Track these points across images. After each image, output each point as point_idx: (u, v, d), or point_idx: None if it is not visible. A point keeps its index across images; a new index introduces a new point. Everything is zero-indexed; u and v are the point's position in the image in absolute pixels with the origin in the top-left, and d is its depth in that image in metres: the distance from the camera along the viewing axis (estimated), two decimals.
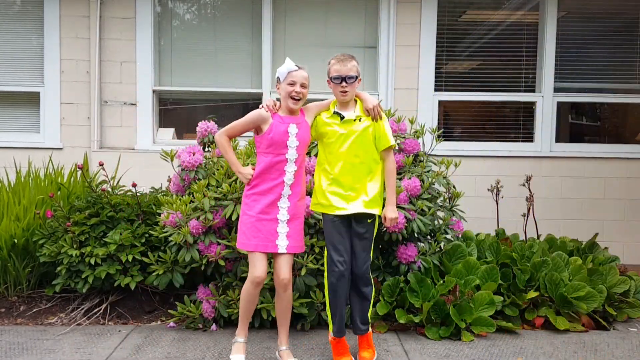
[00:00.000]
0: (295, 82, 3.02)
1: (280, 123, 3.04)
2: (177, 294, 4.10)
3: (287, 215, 3.04)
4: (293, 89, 3.02)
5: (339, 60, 3.07)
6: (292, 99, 3.03)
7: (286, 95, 3.04)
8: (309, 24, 5.67)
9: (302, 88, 3.04)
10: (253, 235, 3.01)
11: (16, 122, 5.68)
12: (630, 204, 5.61)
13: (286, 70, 3.03)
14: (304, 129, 3.10)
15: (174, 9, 5.77)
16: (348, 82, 3.04)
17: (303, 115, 3.13)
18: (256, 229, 3.00)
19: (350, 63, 3.06)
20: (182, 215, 3.70)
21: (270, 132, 3.02)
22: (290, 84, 3.02)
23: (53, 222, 4.09)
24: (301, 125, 3.08)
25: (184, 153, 3.85)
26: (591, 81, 5.78)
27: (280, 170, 3.03)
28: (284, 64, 3.06)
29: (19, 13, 5.65)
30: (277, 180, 3.02)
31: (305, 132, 3.09)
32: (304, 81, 3.05)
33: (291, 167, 3.04)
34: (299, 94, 3.03)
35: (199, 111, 5.94)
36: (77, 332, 3.75)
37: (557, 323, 3.76)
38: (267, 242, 3.01)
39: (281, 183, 3.03)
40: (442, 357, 3.37)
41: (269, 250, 3.02)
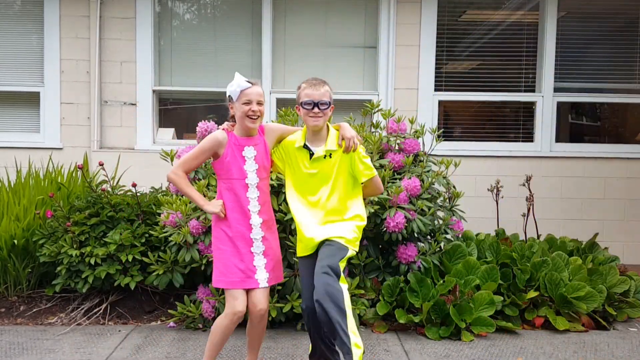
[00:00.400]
0: (251, 100, 2.74)
1: (236, 146, 2.79)
2: (177, 294, 4.10)
3: (262, 246, 2.79)
4: (249, 108, 2.74)
5: (311, 84, 2.80)
6: (249, 118, 2.75)
7: (242, 115, 2.76)
8: (309, 24, 5.67)
9: (259, 106, 2.76)
10: (229, 271, 2.74)
11: (16, 122, 5.68)
12: (630, 204, 5.61)
13: (238, 89, 2.76)
14: (262, 150, 2.83)
15: (174, 9, 5.77)
16: (320, 109, 2.75)
17: (262, 135, 2.87)
18: (233, 265, 2.74)
19: (323, 88, 2.78)
20: (182, 215, 3.70)
21: (227, 156, 2.77)
22: (246, 102, 2.74)
23: (53, 222, 4.09)
24: (259, 146, 2.82)
25: (184, 153, 3.85)
26: (591, 81, 5.78)
27: (243, 197, 2.77)
28: (233, 81, 2.79)
29: (19, 13, 5.65)
30: (242, 210, 2.77)
31: (264, 153, 2.83)
32: (260, 98, 2.77)
33: (254, 194, 2.78)
34: (256, 112, 2.75)
35: (199, 111, 5.94)
36: (77, 332, 3.75)
37: (557, 323, 3.76)
38: (246, 277, 2.74)
39: (247, 212, 2.77)
40: (442, 357, 3.37)
41: (249, 287, 2.75)
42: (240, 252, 2.75)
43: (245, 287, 2.74)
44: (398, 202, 3.74)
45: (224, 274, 2.75)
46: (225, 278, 2.75)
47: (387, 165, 3.91)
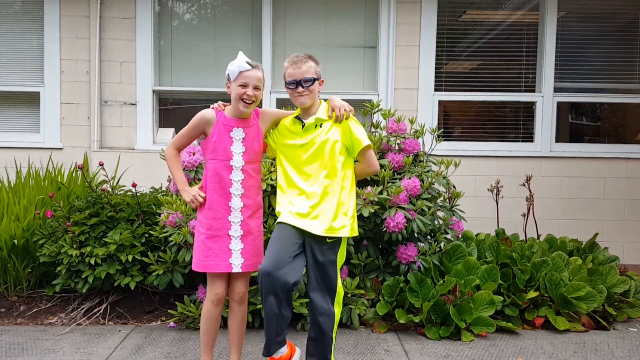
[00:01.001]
0: (248, 83, 2.67)
1: (224, 125, 2.74)
2: (177, 294, 4.10)
3: (240, 230, 2.73)
4: (245, 92, 2.68)
5: (292, 62, 2.71)
6: (243, 101, 2.70)
7: (237, 97, 2.70)
8: (309, 24, 5.67)
9: (256, 90, 2.70)
10: (204, 254, 2.72)
11: (16, 122, 5.68)
12: (630, 204, 5.61)
13: (237, 70, 2.67)
14: (254, 133, 2.77)
15: (174, 9, 5.77)
16: (304, 86, 2.69)
17: (256, 118, 2.81)
18: (207, 247, 2.72)
19: (306, 65, 2.69)
20: (182, 215, 3.70)
21: (214, 135, 2.73)
22: (242, 85, 2.68)
23: (53, 222, 4.09)
24: (250, 129, 2.76)
25: (184, 153, 3.85)
26: (591, 81, 5.78)
27: (225, 179, 2.71)
28: (235, 60, 2.70)
29: (19, 13, 5.65)
30: (223, 191, 2.71)
31: (254, 136, 2.77)
32: (258, 83, 2.70)
33: (237, 176, 2.72)
34: (251, 97, 2.69)
35: (199, 111, 5.93)
36: (77, 332, 3.75)
37: (557, 323, 3.76)
38: (220, 260, 2.71)
39: (228, 194, 2.71)
40: (442, 357, 3.37)
41: (221, 270, 2.72)
42: (217, 234, 2.71)
43: (218, 271, 2.72)
44: (398, 202, 3.75)
45: (199, 257, 2.74)
46: (200, 261, 2.73)
47: (387, 165, 3.92)
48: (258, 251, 2.82)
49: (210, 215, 2.73)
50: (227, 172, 2.72)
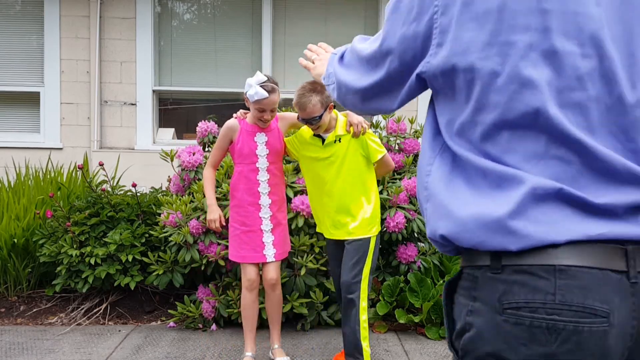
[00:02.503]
0: (265, 109, 2.90)
1: (247, 132, 2.99)
2: (177, 294, 4.10)
3: (270, 224, 3.02)
4: (262, 115, 2.92)
5: (298, 104, 2.85)
6: (261, 121, 2.95)
7: (255, 117, 2.95)
8: (309, 24, 5.68)
9: (272, 112, 2.95)
10: (240, 247, 3.03)
11: (16, 122, 5.68)
12: None
13: (255, 98, 2.86)
14: (275, 136, 3.02)
15: (174, 9, 5.77)
16: (313, 123, 2.89)
17: (275, 122, 3.05)
18: (242, 241, 3.02)
19: (311, 104, 2.81)
20: (182, 215, 3.70)
21: (238, 142, 2.99)
22: (260, 110, 2.91)
23: (53, 222, 4.09)
24: (271, 132, 3.01)
25: (184, 153, 3.86)
26: None
27: (253, 180, 2.98)
28: (253, 82, 2.86)
29: (19, 13, 5.65)
30: (252, 191, 2.99)
31: (276, 139, 3.02)
32: (274, 106, 2.93)
33: (264, 177, 2.99)
34: (268, 120, 2.95)
35: (199, 111, 5.94)
36: (77, 332, 3.75)
37: None
38: (255, 253, 3.02)
39: (257, 193, 2.99)
40: (442, 357, 3.37)
41: (257, 261, 3.04)
42: (250, 229, 3.00)
43: (254, 261, 3.03)
44: (398, 202, 3.75)
45: (236, 249, 3.05)
46: (237, 253, 3.05)
47: None
48: (285, 239, 3.13)
49: (243, 213, 3.01)
50: (254, 174, 2.99)
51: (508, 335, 0.85)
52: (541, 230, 0.84)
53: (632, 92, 0.88)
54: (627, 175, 0.87)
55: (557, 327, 0.82)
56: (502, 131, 0.89)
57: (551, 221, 0.84)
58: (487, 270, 0.88)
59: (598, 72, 0.86)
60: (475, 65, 0.88)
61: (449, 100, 0.95)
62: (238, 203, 3.02)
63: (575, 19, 0.85)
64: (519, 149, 0.88)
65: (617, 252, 0.85)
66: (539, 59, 0.86)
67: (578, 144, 0.86)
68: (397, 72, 1.01)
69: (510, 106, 0.87)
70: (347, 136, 2.94)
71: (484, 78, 0.88)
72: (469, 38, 0.88)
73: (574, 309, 0.82)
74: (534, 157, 0.87)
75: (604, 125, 0.88)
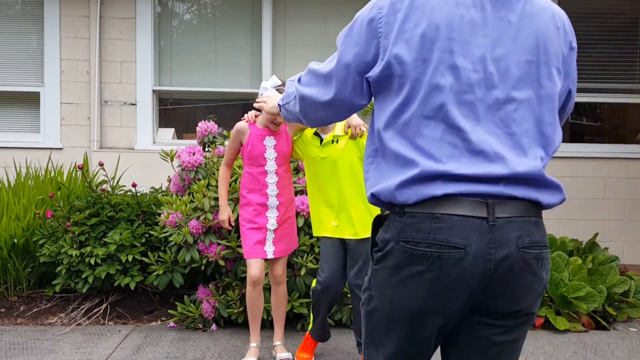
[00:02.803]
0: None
1: (257, 136, 3.10)
2: (177, 294, 4.10)
3: (275, 224, 3.13)
4: (275, 118, 3.02)
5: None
6: (274, 124, 3.07)
7: (268, 120, 3.06)
8: (309, 24, 5.67)
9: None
10: (246, 242, 3.14)
11: (16, 122, 5.67)
12: (630, 204, 5.61)
13: None
14: (284, 140, 3.13)
15: (174, 9, 5.77)
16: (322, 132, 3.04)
17: (284, 126, 3.15)
18: (248, 237, 3.13)
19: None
20: (182, 215, 3.70)
21: (248, 145, 3.10)
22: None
23: (53, 222, 4.09)
24: (280, 137, 3.12)
25: (184, 153, 3.85)
26: (591, 81, 5.77)
27: (262, 182, 3.10)
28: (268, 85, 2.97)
29: (19, 13, 5.65)
30: (260, 192, 3.11)
31: (284, 143, 3.13)
32: None
33: (272, 179, 3.11)
34: (281, 123, 3.08)
35: (199, 111, 5.94)
36: (77, 332, 3.75)
37: (557, 323, 3.76)
38: (257, 249, 3.12)
39: (265, 195, 3.11)
40: None
41: (259, 257, 3.12)
42: (256, 227, 3.11)
43: (254, 257, 3.12)
44: None
45: (244, 244, 3.16)
46: (244, 248, 3.16)
47: None
48: (291, 237, 3.22)
49: (251, 211, 3.12)
50: (262, 176, 3.10)
51: (400, 257, 1.28)
52: (424, 191, 1.26)
53: (504, 93, 1.28)
54: (494, 156, 1.26)
55: (427, 255, 1.25)
56: (417, 120, 1.28)
57: (432, 187, 1.26)
58: (396, 214, 1.31)
59: (483, 81, 1.27)
60: (405, 73, 1.29)
61: (386, 96, 1.34)
62: (247, 202, 3.14)
63: (469, 46, 1.27)
64: (425, 134, 1.28)
65: (480, 204, 1.24)
66: (445, 71, 1.26)
67: (463, 133, 1.26)
68: (352, 78, 1.38)
69: (424, 102, 1.27)
70: (344, 137, 3.00)
71: (411, 82, 1.28)
72: (400, 52, 1.28)
73: (440, 243, 1.24)
74: (433, 140, 1.27)
75: (487, 117, 1.28)
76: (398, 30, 1.29)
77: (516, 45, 1.30)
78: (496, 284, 1.26)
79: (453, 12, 1.28)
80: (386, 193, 1.31)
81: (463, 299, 1.27)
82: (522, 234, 1.26)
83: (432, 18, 1.28)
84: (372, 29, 1.33)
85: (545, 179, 1.32)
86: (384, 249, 1.32)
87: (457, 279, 1.24)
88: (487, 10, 1.30)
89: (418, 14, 1.29)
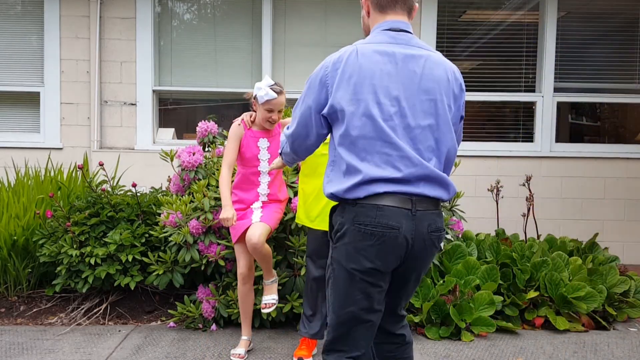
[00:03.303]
0: (274, 109, 3.13)
1: (251, 137, 3.20)
2: (177, 294, 4.10)
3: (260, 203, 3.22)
4: (270, 115, 3.14)
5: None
6: (269, 122, 3.17)
7: (263, 117, 3.16)
8: (309, 24, 5.67)
9: (279, 113, 3.19)
10: (234, 231, 3.21)
11: (16, 122, 5.68)
12: (630, 204, 5.61)
13: (265, 97, 3.10)
14: (277, 142, 3.21)
15: (174, 9, 5.77)
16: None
17: (278, 128, 3.26)
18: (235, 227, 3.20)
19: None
20: (182, 215, 3.70)
21: (242, 146, 3.19)
22: (269, 110, 3.13)
23: (53, 222, 4.09)
24: (273, 138, 3.23)
25: (183, 153, 3.85)
26: (591, 81, 5.78)
27: (254, 182, 3.21)
28: (262, 84, 3.11)
29: (19, 13, 5.65)
30: (252, 192, 3.21)
31: (277, 144, 3.20)
32: (281, 107, 3.18)
33: (264, 179, 3.21)
34: (276, 120, 3.18)
35: (199, 111, 5.94)
36: (77, 332, 3.75)
37: (557, 323, 3.76)
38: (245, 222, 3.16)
39: (256, 195, 3.21)
40: (442, 357, 3.37)
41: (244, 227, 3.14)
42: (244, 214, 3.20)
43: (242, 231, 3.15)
44: None
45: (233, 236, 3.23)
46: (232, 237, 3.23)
47: None
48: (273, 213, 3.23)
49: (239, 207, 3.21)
50: (255, 176, 3.21)
51: (355, 234, 1.86)
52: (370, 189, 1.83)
53: (413, 122, 1.86)
54: (416, 160, 1.85)
55: (374, 233, 1.84)
56: (360, 140, 1.85)
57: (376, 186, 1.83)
58: (350, 205, 1.87)
59: (399, 112, 1.86)
60: (344, 108, 1.86)
61: (336, 124, 1.91)
62: (238, 200, 3.24)
63: (387, 89, 1.86)
64: (368, 148, 1.84)
65: (407, 200, 1.85)
66: (374, 105, 1.84)
67: (395, 145, 1.84)
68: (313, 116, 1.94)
69: (363, 127, 1.84)
70: None
71: (349, 115, 1.86)
72: (340, 95, 1.86)
73: (382, 225, 1.83)
74: (374, 152, 1.84)
75: (404, 137, 1.86)
76: (338, 81, 1.87)
77: (420, 89, 1.88)
78: (414, 252, 1.90)
79: (375, 67, 1.86)
80: (341, 192, 1.87)
81: (395, 261, 1.89)
82: (431, 223, 1.90)
83: (361, 72, 1.86)
84: (322, 82, 1.92)
85: (442, 179, 1.90)
86: (341, 230, 1.88)
87: (393, 249, 1.86)
88: (399, 65, 1.88)
89: (350, 69, 1.87)
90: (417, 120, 1.86)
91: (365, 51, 1.90)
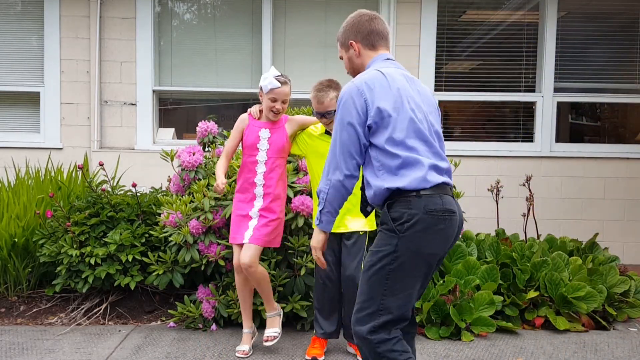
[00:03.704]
0: (277, 99, 3.21)
1: (254, 126, 3.29)
2: (177, 294, 4.10)
3: (257, 213, 3.23)
4: (274, 105, 3.22)
5: (316, 97, 3.13)
6: (272, 112, 3.24)
7: (267, 107, 3.25)
8: (309, 24, 5.67)
9: (283, 103, 3.24)
10: (232, 229, 3.28)
11: (16, 122, 5.68)
12: (630, 204, 5.61)
13: (269, 86, 3.19)
14: (279, 134, 3.26)
15: (174, 9, 5.77)
16: (327, 117, 3.13)
17: (283, 122, 3.31)
18: (234, 223, 3.28)
19: (328, 98, 3.09)
20: (182, 215, 3.70)
21: (245, 134, 3.29)
22: (272, 99, 3.21)
23: (53, 222, 4.09)
24: (276, 130, 3.27)
25: (184, 153, 3.85)
26: (591, 81, 5.78)
27: (252, 170, 3.25)
28: (268, 75, 3.21)
29: (19, 13, 5.65)
30: (250, 180, 3.26)
31: (279, 137, 3.26)
32: (285, 97, 3.24)
33: (261, 168, 3.24)
34: (279, 110, 3.24)
35: (199, 111, 5.94)
36: (77, 332, 3.75)
37: (557, 323, 3.76)
38: (239, 235, 3.23)
39: (253, 183, 3.25)
40: (442, 357, 3.37)
41: (238, 242, 3.22)
42: (242, 214, 3.25)
43: (234, 243, 3.26)
44: None
45: (230, 231, 3.30)
46: (230, 234, 3.31)
47: None
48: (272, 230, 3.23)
49: (240, 198, 3.28)
50: (253, 165, 3.26)
51: (429, 221, 2.08)
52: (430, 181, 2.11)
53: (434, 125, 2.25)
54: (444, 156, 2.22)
55: (444, 217, 2.11)
56: (406, 139, 2.14)
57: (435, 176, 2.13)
58: (414, 196, 2.09)
59: (424, 118, 2.22)
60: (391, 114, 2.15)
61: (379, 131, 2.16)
62: (239, 188, 3.30)
63: (414, 99, 2.23)
64: (413, 145, 2.14)
65: (450, 189, 2.20)
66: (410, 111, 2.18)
67: (430, 143, 2.18)
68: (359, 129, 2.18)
69: (407, 129, 2.15)
70: None
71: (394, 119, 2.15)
72: (384, 106, 2.15)
73: (448, 211, 2.12)
74: (421, 148, 2.15)
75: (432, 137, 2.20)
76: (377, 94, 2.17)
77: (428, 102, 2.30)
78: (457, 236, 2.23)
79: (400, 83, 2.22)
80: (414, 184, 2.08)
81: (449, 245, 2.20)
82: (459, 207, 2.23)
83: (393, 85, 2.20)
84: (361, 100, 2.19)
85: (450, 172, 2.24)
86: (411, 220, 2.07)
87: (454, 232, 2.18)
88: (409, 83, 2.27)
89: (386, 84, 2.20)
90: (435, 125, 2.26)
91: (388, 72, 2.24)
